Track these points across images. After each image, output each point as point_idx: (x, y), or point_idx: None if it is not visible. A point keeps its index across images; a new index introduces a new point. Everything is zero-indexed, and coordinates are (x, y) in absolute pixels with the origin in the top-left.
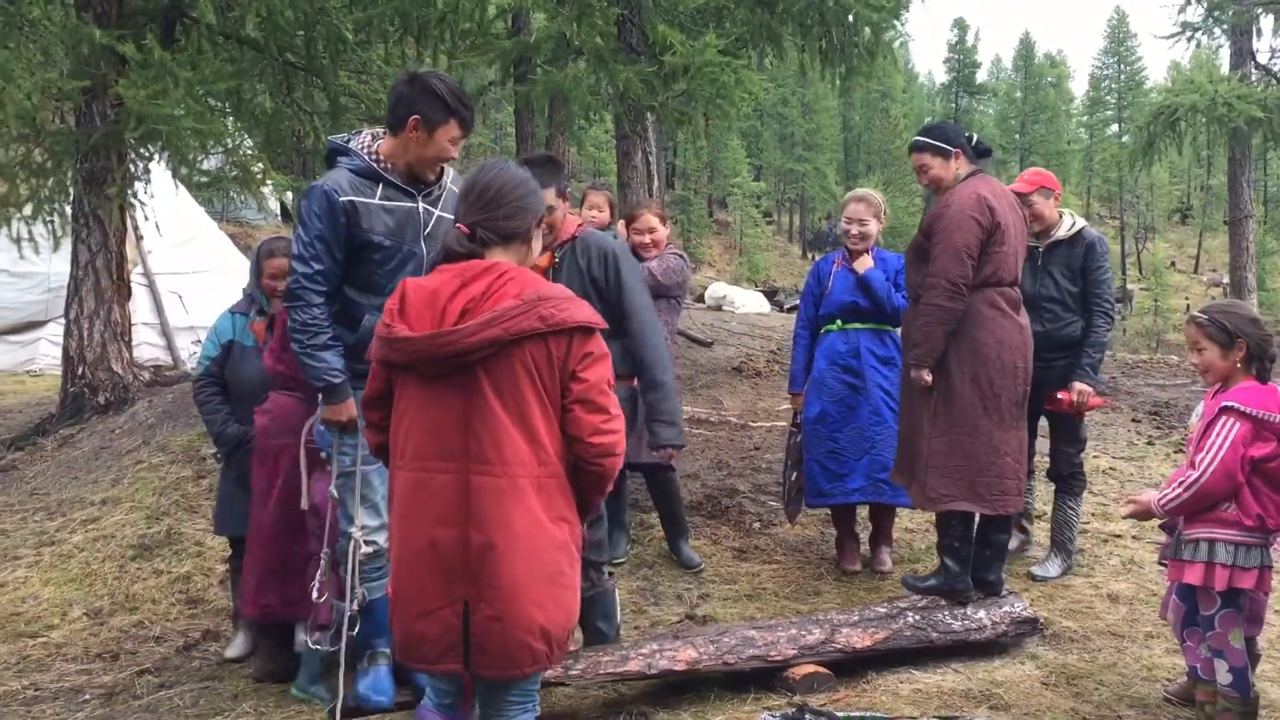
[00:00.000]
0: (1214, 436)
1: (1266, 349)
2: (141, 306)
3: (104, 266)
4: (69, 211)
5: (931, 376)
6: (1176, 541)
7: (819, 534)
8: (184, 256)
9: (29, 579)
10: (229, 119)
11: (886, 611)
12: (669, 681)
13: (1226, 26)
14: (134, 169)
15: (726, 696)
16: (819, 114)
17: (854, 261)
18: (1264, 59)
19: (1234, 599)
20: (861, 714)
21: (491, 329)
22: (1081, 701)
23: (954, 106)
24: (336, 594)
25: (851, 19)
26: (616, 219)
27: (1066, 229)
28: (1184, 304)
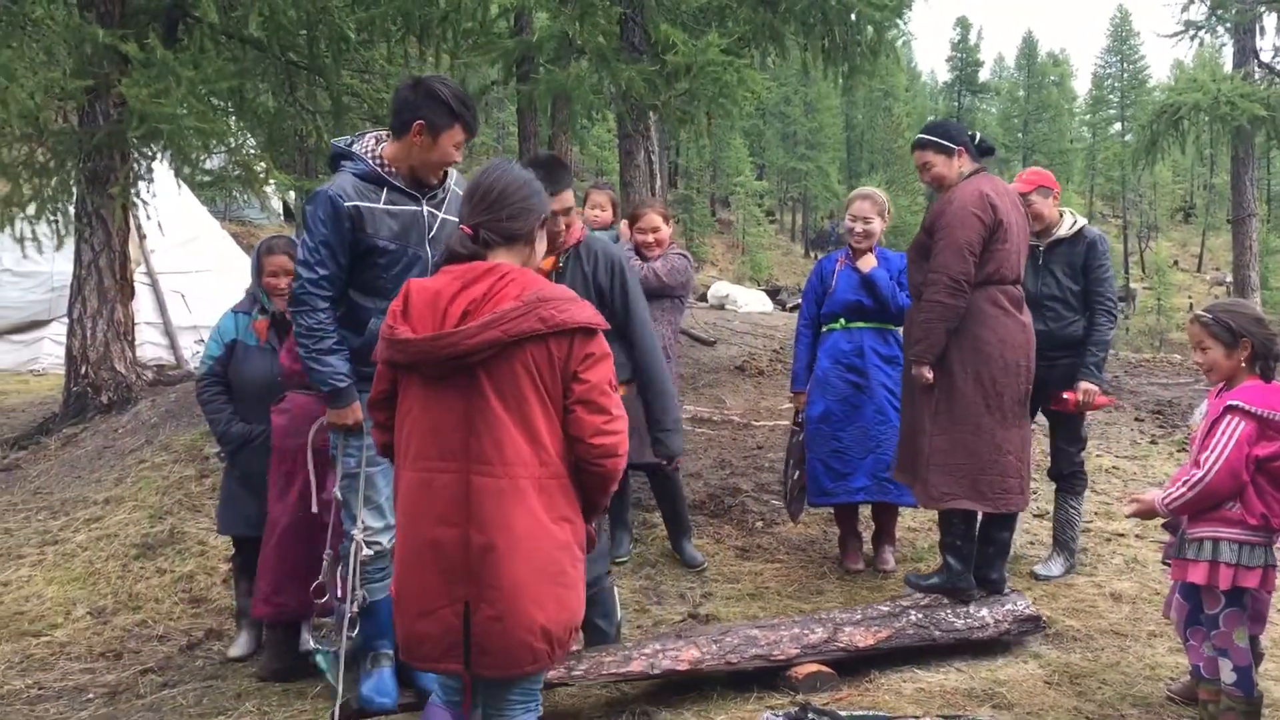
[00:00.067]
0: (1219, 435)
1: (1271, 348)
2: (144, 306)
3: (107, 266)
4: (72, 211)
5: (933, 374)
6: (1180, 540)
7: (822, 533)
8: (187, 256)
9: (32, 578)
10: (231, 118)
11: (889, 610)
12: (672, 680)
13: (1229, 25)
14: (137, 168)
15: (729, 695)
16: (822, 113)
17: (857, 260)
18: (1267, 57)
19: (1238, 598)
20: (864, 713)
21: (491, 331)
22: (1084, 700)
23: (957, 105)
24: (339, 595)
25: (854, 18)
26: (619, 218)
27: (1067, 228)
28: (1187, 303)
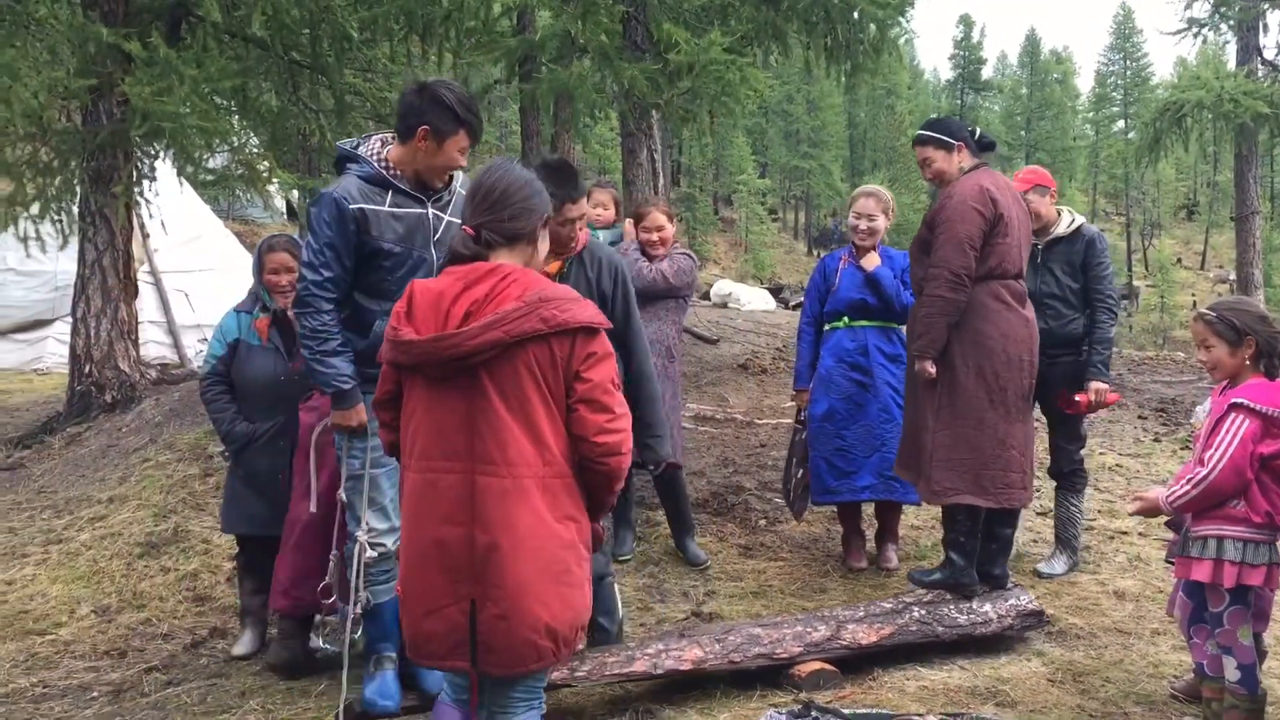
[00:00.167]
0: (1223, 433)
1: (1275, 346)
2: (148, 305)
3: (110, 265)
4: (75, 210)
5: (935, 369)
6: (1184, 538)
7: (825, 531)
8: (190, 255)
9: (37, 577)
10: (234, 117)
11: (892, 607)
12: (675, 679)
13: (1233, 22)
14: (140, 167)
15: (733, 694)
16: (824, 111)
17: (861, 258)
18: (1270, 55)
19: (1242, 596)
20: (868, 711)
21: (493, 331)
22: (1088, 698)
23: (959, 103)
24: (343, 596)
25: (856, 16)
26: (621, 217)
27: (1066, 226)
28: (1190, 301)
